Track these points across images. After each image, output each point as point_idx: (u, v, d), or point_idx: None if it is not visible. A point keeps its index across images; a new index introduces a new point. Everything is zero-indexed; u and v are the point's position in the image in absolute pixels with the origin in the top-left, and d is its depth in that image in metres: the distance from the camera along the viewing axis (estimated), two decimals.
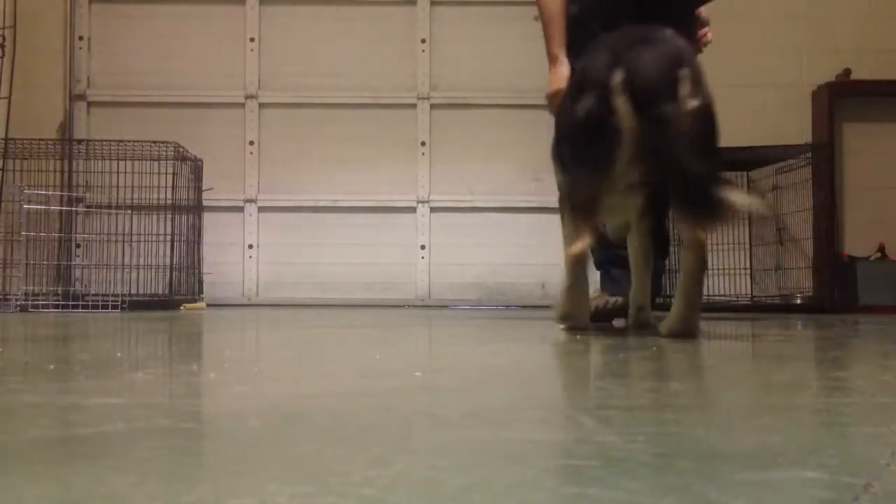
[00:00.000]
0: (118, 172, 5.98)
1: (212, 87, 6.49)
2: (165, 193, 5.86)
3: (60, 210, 5.87)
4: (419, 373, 1.66)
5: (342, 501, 0.64)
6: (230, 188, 6.45)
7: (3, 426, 0.99)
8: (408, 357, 2.18)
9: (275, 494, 0.66)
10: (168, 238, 5.83)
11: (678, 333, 2.34)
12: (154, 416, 1.05)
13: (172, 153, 5.86)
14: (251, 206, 6.47)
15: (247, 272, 6.46)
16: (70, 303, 5.03)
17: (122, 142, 5.92)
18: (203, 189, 6.27)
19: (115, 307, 4.89)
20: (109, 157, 6.03)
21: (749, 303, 5.93)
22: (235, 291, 6.45)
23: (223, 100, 6.50)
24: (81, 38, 6.53)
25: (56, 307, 5.05)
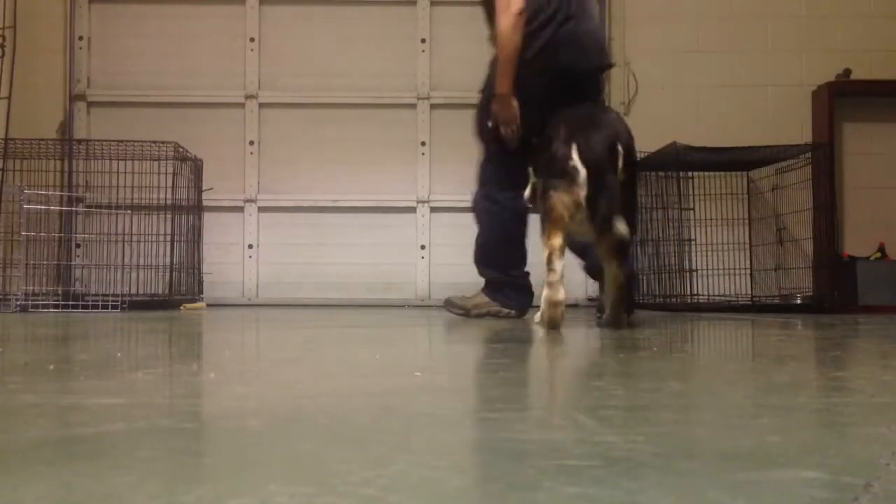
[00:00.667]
0: (118, 172, 5.98)
1: (212, 87, 6.49)
2: (165, 193, 5.86)
3: (60, 210, 5.87)
4: (419, 373, 1.66)
5: (342, 501, 0.64)
6: (230, 188, 6.45)
7: (3, 426, 0.99)
8: (408, 357, 2.18)
9: (275, 494, 0.66)
10: (168, 238, 5.83)
11: (612, 325, 3.11)
12: (154, 416, 1.05)
13: (172, 153, 5.86)
14: (251, 206, 6.47)
15: (247, 272, 6.46)
16: (70, 303, 5.03)
17: (122, 142, 5.92)
18: (203, 189, 6.27)
19: (115, 307, 4.89)
20: (109, 157, 6.03)
21: (749, 303, 5.93)
22: (235, 291, 6.45)
23: (223, 100, 6.50)
24: (81, 38, 6.53)
25: (56, 307, 5.04)
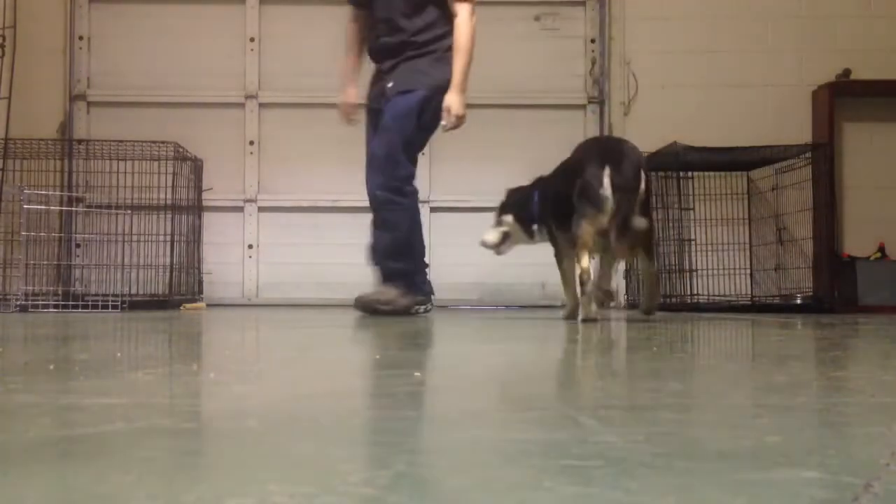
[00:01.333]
0: (118, 172, 5.98)
1: (212, 87, 6.49)
2: (165, 193, 5.87)
3: (60, 210, 5.87)
4: (419, 373, 1.66)
5: (342, 501, 0.64)
6: (230, 188, 6.45)
7: (3, 426, 0.99)
8: (407, 357, 2.18)
9: (275, 494, 0.66)
10: (168, 238, 5.83)
11: (649, 313, 3.69)
12: (154, 416, 1.05)
13: (172, 153, 5.86)
14: (251, 206, 6.47)
15: (247, 272, 6.46)
16: (70, 303, 5.03)
17: (122, 142, 5.92)
18: (203, 189, 6.27)
19: (115, 307, 4.89)
20: (109, 157, 6.03)
21: (749, 303, 5.93)
22: (235, 291, 6.45)
23: (223, 100, 6.50)
24: (81, 38, 6.53)
25: (56, 307, 5.04)
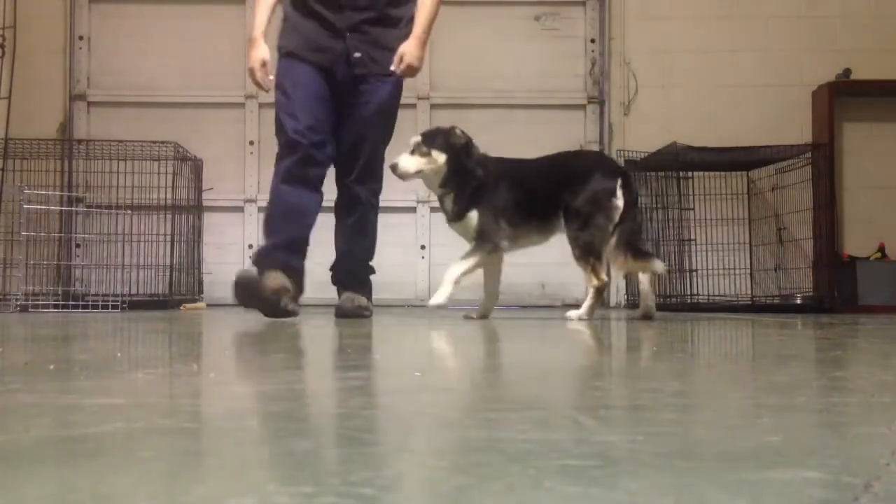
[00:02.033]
0: (118, 172, 5.98)
1: (212, 87, 6.48)
2: (165, 193, 5.87)
3: (60, 210, 5.87)
4: (419, 373, 1.66)
5: (342, 501, 0.64)
6: (230, 188, 6.45)
7: (3, 426, 0.99)
8: (407, 357, 2.18)
9: (275, 494, 0.66)
10: (168, 238, 5.83)
11: (649, 318, 3.84)
12: (154, 416, 1.05)
13: (172, 153, 5.86)
14: (251, 206, 6.46)
15: None
16: (70, 303, 5.03)
17: (122, 142, 5.92)
18: (203, 189, 6.27)
19: (115, 307, 4.89)
20: (109, 157, 6.03)
21: (749, 303, 5.93)
22: None
23: (223, 100, 6.50)
24: (81, 38, 6.53)
25: (56, 307, 5.05)
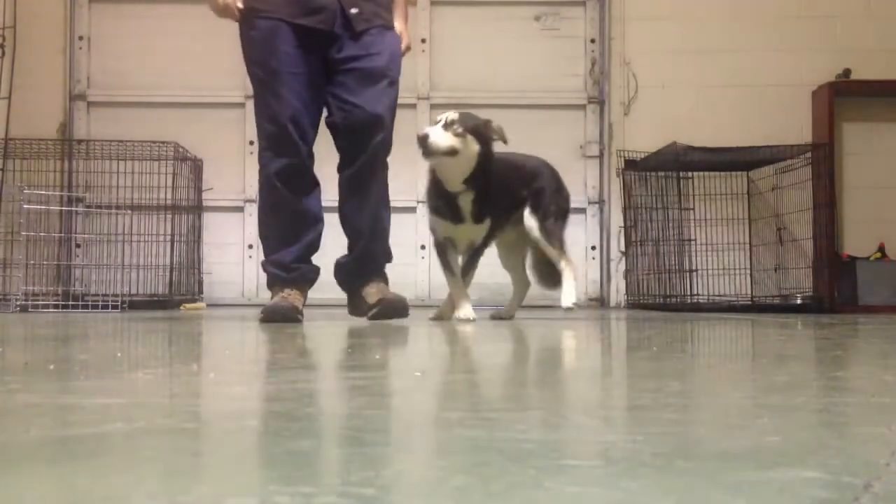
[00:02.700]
0: (118, 172, 5.98)
1: (212, 87, 6.48)
2: (165, 193, 5.87)
3: (60, 210, 5.87)
4: (419, 373, 1.66)
5: (342, 501, 0.64)
6: (230, 188, 6.45)
7: (3, 426, 0.99)
8: (407, 357, 2.18)
9: (275, 494, 0.66)
10: (168, 238, 5.83)
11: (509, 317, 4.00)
12: (154, 416, 1.05)
13: (172, 153, 5.86)
14: (251, 206, 6.45)
15: (246, 272, 6.45)
16: (70, 303, 5.03)
17: (122, 142, 5.93)
18: (203, 189, 6.27)
19: (115, 307, 4.89)
20: (109, 157, 6.03)
21: (749, 303, 5.93)
22: (235, 291, 6.45)
23: (223, 100, 6.50)
24: (81, 38, 6.53)
25: (56, 307, 5.05)
